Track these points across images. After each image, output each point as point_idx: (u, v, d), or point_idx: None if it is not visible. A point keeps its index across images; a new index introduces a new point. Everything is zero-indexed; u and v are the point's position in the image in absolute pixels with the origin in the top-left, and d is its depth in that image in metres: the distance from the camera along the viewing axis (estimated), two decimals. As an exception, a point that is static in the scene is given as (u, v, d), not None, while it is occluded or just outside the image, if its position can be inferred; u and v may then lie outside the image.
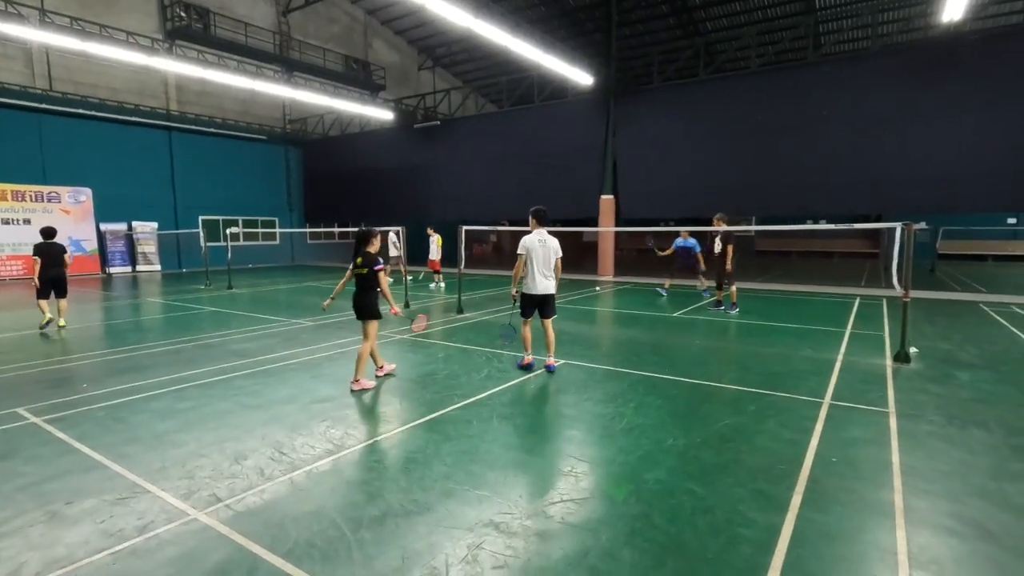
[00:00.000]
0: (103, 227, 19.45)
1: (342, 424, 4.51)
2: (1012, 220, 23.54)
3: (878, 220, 18.12)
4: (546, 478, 3.46)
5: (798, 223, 19.54)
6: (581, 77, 16.04)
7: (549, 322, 6.07)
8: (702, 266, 12.03)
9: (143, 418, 4.63)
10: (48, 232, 8.91)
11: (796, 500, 3.16)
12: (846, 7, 21.78)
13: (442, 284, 14.64)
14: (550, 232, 6.14)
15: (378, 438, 4.22)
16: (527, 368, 6.08)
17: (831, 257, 27.10)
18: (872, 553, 2.68)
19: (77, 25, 17.35)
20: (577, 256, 27.76)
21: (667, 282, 12.76)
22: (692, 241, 11.97)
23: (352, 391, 5.31)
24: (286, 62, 24.25)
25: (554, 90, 19.35)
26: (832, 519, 2.97)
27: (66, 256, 8.96)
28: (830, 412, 4.70)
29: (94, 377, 5.98)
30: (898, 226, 6.53)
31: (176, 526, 2.92)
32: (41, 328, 8.56)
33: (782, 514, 3.01)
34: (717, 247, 10.07)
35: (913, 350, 6.65)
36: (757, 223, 24.20)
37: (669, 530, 2.87)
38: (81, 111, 18.69)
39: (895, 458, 3.75)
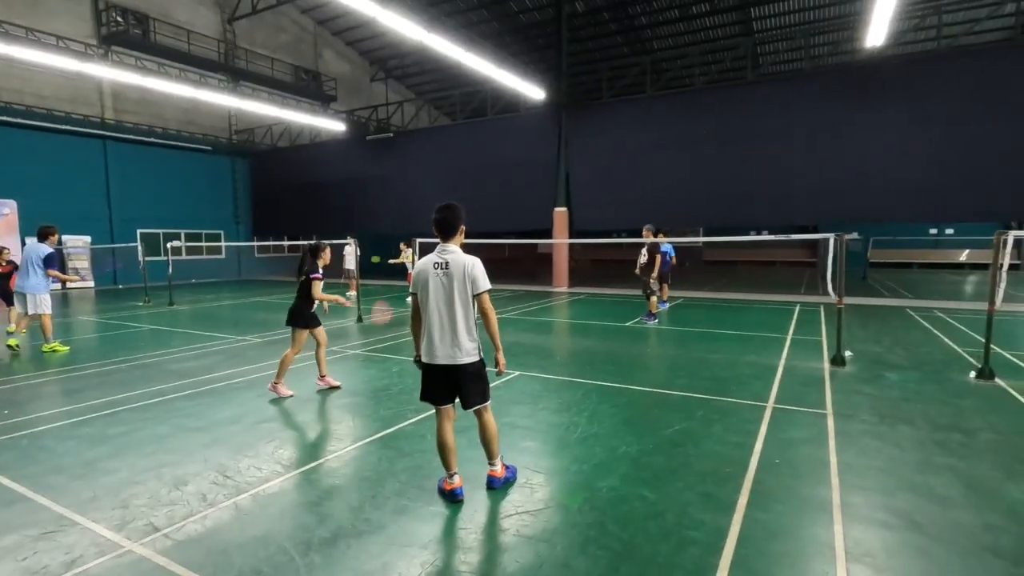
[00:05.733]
0: (29, 242, 18.20)
1: (291, 443, 4.36)
2: (933, 231, 25.37)
3: (815, 231, 19.14)
4: (501, 491, 3.45)
5: (743, 234, 20.37)
6: (533, 91, 16.29)
7: (482, 415, 3.41)
8: None
9: (71, 445, 4.34)
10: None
11: (742, 501, 3.28)
12: (782, 30, 23.07)
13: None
14: (469, 247, 3.45)
15: (329, 456, 4.10)
16: (449, 496, 3.30)
17: (773, 266, 28.36)
18: (811, 548, 2.80)
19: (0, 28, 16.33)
20: (532, 268, 27.98)
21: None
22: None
23: (268, 389, 5.67)
24: (232, 71, 23.54)
25: (507, 104, 19.56)
26: (775, 517, 3.09)
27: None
28: (773, 415, 4.90)
29: (15, 402, 5.56)
30: (831, 236, 6.92)
31: (108, 559, 2.74)
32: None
33: (729, 515, 3.11)
34: (643, 258, 10.06)
35: (848, 354, 7.04)
36: (704, 233, 25.10)
37: (622, 536, 2.91)
38: (5, 118, 17.53)
39: (832, 457, 3.95)
